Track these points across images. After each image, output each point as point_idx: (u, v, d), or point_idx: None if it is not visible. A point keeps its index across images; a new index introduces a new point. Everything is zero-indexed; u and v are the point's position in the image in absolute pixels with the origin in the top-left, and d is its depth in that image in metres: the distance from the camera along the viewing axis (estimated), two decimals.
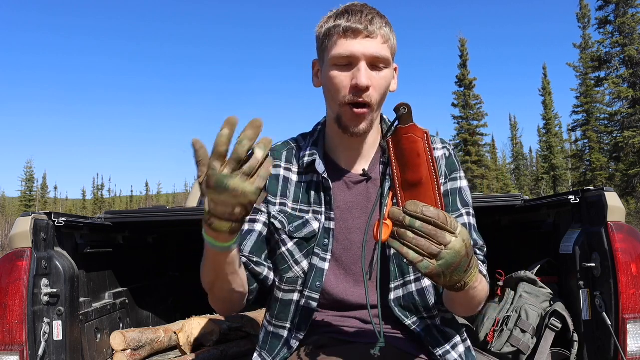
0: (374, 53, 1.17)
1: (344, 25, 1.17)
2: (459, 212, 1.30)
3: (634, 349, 1.57)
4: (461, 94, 30.71)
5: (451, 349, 1.26)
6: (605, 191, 1.68)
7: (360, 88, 1.16)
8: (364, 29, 1.16)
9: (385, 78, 1.21)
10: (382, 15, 1.22)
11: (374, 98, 1.19)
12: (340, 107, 1.20)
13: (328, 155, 1.32)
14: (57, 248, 1.74)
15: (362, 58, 1.17)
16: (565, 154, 34.89)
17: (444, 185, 1.31)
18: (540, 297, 1.95)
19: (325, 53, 1.23)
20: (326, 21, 1.22)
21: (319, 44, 1.25)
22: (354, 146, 1.30)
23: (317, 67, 1.30)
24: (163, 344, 2.18)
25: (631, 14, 23.06)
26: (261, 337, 1.32)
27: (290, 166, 1.33)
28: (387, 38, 1.19)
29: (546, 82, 32.89)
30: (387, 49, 1.20)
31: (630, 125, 22.78)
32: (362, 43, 1.17)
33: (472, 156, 30.53)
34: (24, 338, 1.53)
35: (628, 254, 1.59)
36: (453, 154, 1.35)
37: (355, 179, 1.30)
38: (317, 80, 1.30)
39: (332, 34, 1.19)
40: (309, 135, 1.37)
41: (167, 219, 2.20)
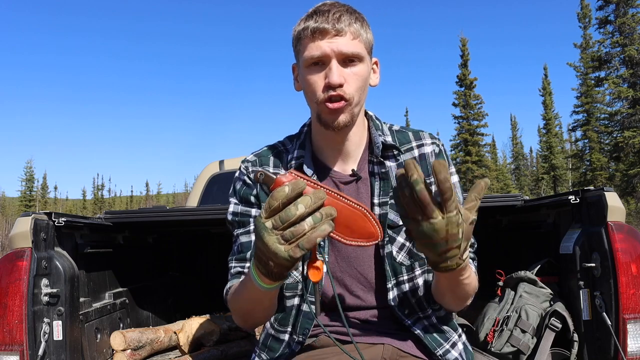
0: (342, 50, 1.17)
1: (312, 26, 1.18)
2: None
3: (634, 349, 1.57)
4: (462, 94, 30.71)
5: (451, 348, 1.26)
6: (605, 191, 1.68)
7: (332, 85, 1.17)
8: (332, 28, 1.17)
9: (360, 73, 1.21)
10: (353, 11, 1.22)
11: (348, 93, 1.19)
12: (318, 105, 1.21)
13: (316, 157, 1.32)
14: (57, 248, 1.74)
15: (333, 56, 1.18)
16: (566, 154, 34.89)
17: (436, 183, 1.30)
18: (540, 297, 1.95)
19: (299, 56, 1.24)
20: (298, 24, 1.24)
21: (294, 47, 1.27)
22: (340, 145, 1.29)
23: (296, 70, 1.31)
24: (163, 344, 2.18)
25: (631, 14, 23.04)
26: (261, 339, 1.32)
27: (278, 170, 1.32)
28: (357, 34, 1.20)
29: (546, 82, 32.90)
30: (358, 44, 1.20)
31: (630, 125, 22.77)
32: (331, 41, 1.17)
33: (473, 156, 30.53)
34: (24, 338, 1.53)
35: (628, 254, 1.59)
36: (443, 149, 1.34)
37: (345, 179, 1.29)
38: (297, 84, 1.31)
39: (302, 37, 1.21)
40: (296, 138, 1.36)
41: (167, 219, 2.20)
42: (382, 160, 1.28)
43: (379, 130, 1.32)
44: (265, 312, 1.19)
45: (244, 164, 1.35)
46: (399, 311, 1.25)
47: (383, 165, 1.28)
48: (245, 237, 1.29)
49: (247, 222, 1.30)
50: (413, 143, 1.32)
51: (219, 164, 3.88)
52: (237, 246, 1.30)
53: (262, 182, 0.96)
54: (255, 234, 0.92)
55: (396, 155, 1.30)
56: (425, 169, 1.29)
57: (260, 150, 1.38)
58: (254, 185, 1.30)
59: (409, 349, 1.24)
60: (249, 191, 1.31)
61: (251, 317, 1.20)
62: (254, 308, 1.14)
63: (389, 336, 1.25)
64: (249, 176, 1.31)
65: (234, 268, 1.28)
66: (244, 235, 1.29)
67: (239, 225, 1.31)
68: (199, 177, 3.95)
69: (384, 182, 1.27)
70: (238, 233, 1.31)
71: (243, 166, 1.34)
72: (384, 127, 1.34)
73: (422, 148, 1.32)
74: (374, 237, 1.00)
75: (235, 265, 1.29)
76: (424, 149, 1.32)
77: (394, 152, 1.30)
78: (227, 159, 3.89)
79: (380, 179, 1.28)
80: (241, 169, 1.35)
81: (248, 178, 1.32)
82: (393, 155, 1.30)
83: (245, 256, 1.27)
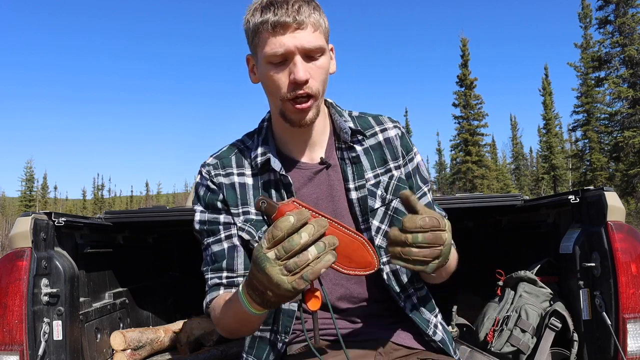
0: (305, 45, 1.13)
1: (272, 20, 1.11)
2: (422, 190, 1.33)
3: (634, 349, 1.57)
4: (462, 94, 30.72)
5: (434, 328, 1.28)
6: (605, 191, 1.68)
7: (299, 83, 1.13)
8: (293, 21, 1.11)
9: (323, 66, 1.17)
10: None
11: (314, 88, 1.16)
12: (283, 103, 1.17)
13: (281, 151, 1.28)
14: (57, 248, 1.74)
15: (296, 52, 1.12)
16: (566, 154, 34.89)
17: (405, 167, 1.31)
18: (540, 297, 1.95)
19: (257, 50, 1.18)
20: (252, 14, 1.16)
21: (249, 39, 1.20)
22: (305, 136, 1.26)
23: (251, 62, 1.25)
24: (163, 344, 2.18)
25: (631, 14, 23.04)
26: (247, 341, 1.30)
27: (242, 170, 1.27)
28: (317, 25, 1.15)
29: (547, 82, 32.89)
30: (319, 36, 1.15)
31: (630, 125, 22.77)
32: (294, 36, 1.12)
33: (473, 156, 30.54)
34: (24, 338, 1.53)
35: (628, 253, 1.59)
36: (404, 131, 1.35)
37: (315, 169, 1.27)
38: (253, 76, 1.25)
39: (261, 31, 1.14)
40: (256, 134, 1.32)
41: (167, 219, 2.20)
42: (352, 145, 1.27)
43: (342, 117, 1.30)
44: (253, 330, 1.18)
45: (205, 168, 1.29)
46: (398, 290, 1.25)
47: (353, 150, 1.27)
48: (217, 245, 1.25)
49: (217, 230, 1.25)
50: (376, 128, 1.32)
51: None
52: (209, 256, 1.26)
53: (264, 211, 0.94)
54: (254, 264, 0.88)
55: (361, 140, 1.29)
56: (393, 153, 1.30)
57: (220, 152, 1.32)
58: (218, 190, 1.26)
59: (403, 340, 1.24)
60: (214, 197, 1.26)
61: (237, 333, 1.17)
62: (240, 328, 1.12)
63: (383, 330, 1.25)
64: (213, 180, 1.26)
65: (211, 280, 1.24)
66: (216, 244, 1.25)
67: (208, 234, 1.26)
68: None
69: (356, 166, 1.26)
70: (209, 242, 1.26)
71: (204, 170, 1.28)
72: (344, 114, 1.32)
73: (385, 132, 1.32)
74: (371, 266, 1.01)
75: (212, 276, 1.24)
76: (387, 132, 1.31)
77: (358, 138, 1.29)
78: None
79: (352, 163, 1.26)
80: (202, 173, 1.28)
81: (212, 183, 1.26)
82: (359, 141, 1.29)
83: (220, 266, 1.23)
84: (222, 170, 1.27)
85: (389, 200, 1.26)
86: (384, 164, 1.29)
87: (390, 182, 1.27)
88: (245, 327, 1.11)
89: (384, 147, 1.30)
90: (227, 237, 1.25)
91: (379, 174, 1.28)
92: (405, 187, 1.29)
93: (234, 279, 1.22)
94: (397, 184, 1.28)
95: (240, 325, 1.09)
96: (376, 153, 1.29)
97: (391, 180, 1.28)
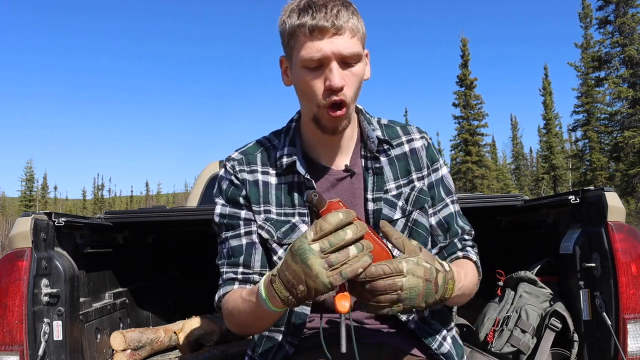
0: (343, 51, 1.11)
1: (310, 24, 1.09)
2: (443, 202, 1.32)
3: (634, 349, 1.57)
4: (462, 94, 30.71)
5: (443, 341, 1.27)
6: (605, 191, 1.68)
7: (334, 89, 1.12)
8: (331, 26, 1.09)
9: (358, 73, 1.16)
10: (348, 3, 1.15)
11: (348, 96, 1.15)
12: (318, 109, 1.16)
13: (307, 154, 1.28)
14: (57, 248, 1.74)
15: (333, 58, 1.11)
16: (566, 154, 34.89)
17: (428, 177, 1.30)
18: (540, 297, 1.95)
19: (293, 53, 1.16)
20: (288, 15, 1.14)
21: (284, 41, 1.18)
22: (334, 142, 1.26)
23: (285, 64, 1.23)
24: (163, 344, 2.18)
25: (631, 14, 23.03)
26: (255, 339, 1.30)
27: (267, 169, 1.27)
28: (355, 30, 1.13)
29: (547, 82, 32.88)
30: (356, 42, 1.13)
31: (630, 125, 22.76)
32: (331, 42, 1.10)
33: (473, 156, 30.54)
34: (24, 338, 1.53)
35: (628, 254, 1.59)
36: (431, 142, 1.34)
37: (339, 176, 1.27)
38: (286, 78, 1.23)
39: (298, 34, 1.12)
40: (283, 133, 1.30)
41: (167, 219, 2.20)
42: (377, 155, 1.27)
43: (371, 124, 1.29)
44: (265, 328, 1.17)
45: (229, 163, 1.29)
46: None
47: (377, 160, 1.27)
48: (235, 240, 1.24)
49: (237, 224, 1.25)
50: (403, 138, 1.31)
51: (219, 164, 3.89)
52: (226, 250, 1.25)
53: (315, 204, 0.95)
54: (292, 256, 0.89)
55: (387, 150, 1.29)
56: (417, 163, 1.29)
57: (246, 147, 1.31)
58: (242, 186, 1.25)
59: (408, 348, 1.24)
60: (236, 192, 1.26)
61: (248, 330, 1.17)
62: (253, 324, 1.11)
63: (388, 336, 1.25)
64: (237, 175, 1.26)
65: (225, 274, 1.24)
66: (234, 239, 1.24)
67: (227, 228, 1.26)
68: (199, 177, 3.95)
69: (378, 177, 1.26)
70: (227, 236, 1.26)
71: (229, 165, 1.28)
72: (373, 121, 1.32)
73: (412, 143, 1.31)
74: None
75: (227, 270, 1.24)
76: (414, 143, 1.31)
77: (384, 147, 1.28)
78: None
79: (374, 174, 1.26)
80: (227, 167, 1.28)
81: (235, 178, 1.26)
82: (384, 150, 1.28)
83: (237, 261, 1.23)
84: (246, 166, 1.27)
85: (409, 211, 1.26)
86: (408, 174, 1.28)
87: (412, 193, 1.27)
88: (258, 325, 1.11)
89: (409, 158, 1.29)
90: (246, 233, 1.24)
91: (401, 185, 1.27)
92: (427, 198, 1.28)
93: (250, 275, 1.22)
94: (417, 195, 1.27)
95: (254, 322, 1.09)
96: (401, 163, 1.29)
97: (412, 191, 1.27)
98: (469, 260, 1.28)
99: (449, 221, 1.30)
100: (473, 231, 1.34)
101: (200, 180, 3.87)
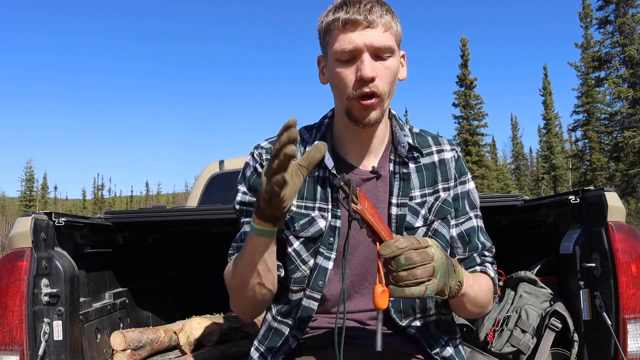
0: (375, 43, 1.14)
1: (343, 17, 1.14)
2: (467, 215, 1.31)
3: (634, 349, 1.57)
4: (462, 94, 30.70)
5: (445, 346, 1.27)
6: (605, 191, 1.67)
7: (365, 80, 1.14)
8: (364, 19, 1.13)
9: (391, 67, 1.18)
10: (383, 2, 1.19)
11: (380, 88, 1.16)
12: (349, 101, 1.18)
13: (336, 151, 1.29)
14: (57, 248, 1.73)
15: (365, 49, 1.14)
16: (566, 154, 34.88)
17: (454, 189, 1.30)
18: (540, 297, 1.95)
19: (327, 48, 1.20)
20: (326, 15, 1.19)
21: (321, 39, 1.23)
22: (365, 140, 1.26)
23: (322, 63, 1.27)
24: (163, 344, 2.18)
25: (631, 14, 23.02)
26: (262, 331, 1.31)
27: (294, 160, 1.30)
28: (388, 26, 1.16)
29: (547, 82, 32.88)
30: (389, 36, 1.16)
31: (630, 125, 22.75)
32: (363, 34, 1.13)
33: (473, 156, 30.53)
34: (24, 338, 1.53)
35: (628, 254, 1.59)
36: (461, 156, 1.34)
37: (364, 176, 1.27)
38: (323, 77, 1.27)
39: (332, 29, 1.16)
40: (315, 128, 1.32)
41: (167, 219, 2.20)
42: (406, 160, 1.27)
43: (403, 130, 1.30)
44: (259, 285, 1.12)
45: (257, 151, 1.30)
46: (394, 314, 1.24)
47: (406, 166, 1.27)
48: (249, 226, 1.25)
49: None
50: (433, 148, 1.32)
51: (219, 164, 3.88)
52: (240, 234, 1.28)
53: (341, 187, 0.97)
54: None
55: (416, 158, 1.29)
56: (445, 174, 1.29)
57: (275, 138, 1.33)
58: None
59: (408, 349, 1.24)
60: (259, 180, 1.25)
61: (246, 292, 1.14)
62: (247, 274, 1.11)
63: (390, 338, 1.24)
64: (262, 164, 1.27)
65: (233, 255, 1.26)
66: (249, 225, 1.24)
67: (245, 215, 1.27)
68: (199, 177, 3.95)
69: (404, 182, 1.26)
70: (244, 222, 1.27)
71: (256, 152, 1.30)
72: (406, 128, 1.32)
73: (441, 154, 1.31)
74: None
75: (234, 252, 1.26)
76: (443, 154, 1.31)
77: (414, 154, 1.29)
78: (227, 159, 3.89)
79: (401, 179, 1.26)
80: (254, 155, 1.30)
81: (260, 166, 1.27)
82: (413, 157, 1.29)
83: None
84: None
85: (430, 220, 1.26)
86: (434, 184, 1.28)
87: (435, 203, 1.27)
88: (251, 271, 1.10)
89: (437, 168, 1.29)
90: None
91: (426, 194, 1.27)
92: (450, 209, 1.28)
93: None
94: (440, 205, 1.27)
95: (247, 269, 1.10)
96: (428, 173, 1.29)
97: (436, 201, 1.27)
98: (486, 275, 1.27)
99: (470, 234, 1.30)
100: (494, 249, 1.34)
101: (200, 181, 3.87)
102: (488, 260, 1.30)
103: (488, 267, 1.29)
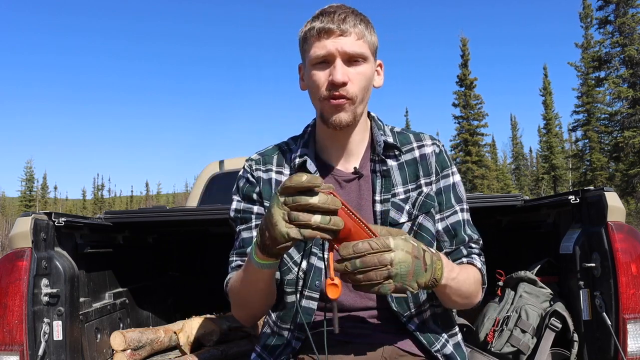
0: (347, 50, 1.20)
1: (318, 27, 1.21)
2: (453, 208, 1.33)
3: (634, 349, 1.57)
4: (462, 94, 30.71)
5: (446, 343, 1.28)
6: (605, 191, 1.67)
7: (336, 83, 1.20)
8: (337, 28, 1.20)
9: (364, 73, 1.24)
10: (358, 13, 1.26)
11: (351, 92, 1.22)
12: (320, 102, 1.24)
13: (319, 156, 1.35)
14: (57, 248, 1.73)
15: (337, 55, 1.21)
16: (566, 154, 34.88)
17: (436, 183, 1.32)
18: (540, 297, 1.95)
19: (305, 56, 1.27)
20: (305, 25, 1.27)
21: (300, 48, 1.30)
22: (343, 144, 1.32)
23: (302, 70, 1.34)
24: (163, 344, 2.18)
25: (631, 14, 23.02)
26: (263, 336, 1.33)
27: (281, 169, 1.35)
28: (361, 35, 1.22)
29: (547, 82, 32.89)
30: (362, 44, 1.23)
31: (630, 125, 22.75)
32: (335, 41, 1.20)
33: (473, 156, 30.54)
34: (24, 338, 1.53)
35: (628, 254, 1.59)
36: (443, 150, 1.37)
37: (347, 177, 1.32)
38: (302, 83, 1.33)
39: (308, 37, 1.24)
40: (300, 138, 1.40)
41: (167, 219, 2.20)
42: (384, 158, 1.31)
43: (380, 130, 1.35)
44: (260, 299, 1.22)
45: (247, 163, 1.39)
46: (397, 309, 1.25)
47: (384, 163, 1.31)
48: (246, 232, 1.32)
49: (249, 218, 1.32)
50: (414, 144, 1.35)
51: (219, 164, 3.89)
52: (238, 241, 1.33)
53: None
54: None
55: (397, 155, 1.33)
56: (426, 169, 1.33)
57: (265, 150, 1.41)
58: (256, 183, 1.34)
59: (409, 347, 1.25)
60: (251, 189, 1.34)
61: (247, 303, 1.23)
62: (249, 291, 1.18)
63: (389, 335, 1.25)
64: (252, 174, 1.35)
65: (234, 262, 1.32)
66: (246, 231, 1.32)
67: (241, 222, 1.34)
68: (199, 177, 3.95)
69: (386, 179, 1.30)
70: (240, 229, 1.33)
71: (247, 164, 1.38)
72: (386, 128, 1.38)
73: (422, 149, 1.35)
74: None
75: (235, 259, 1.32)
76: (424, 149, 1.34)
77: (395, 152, 1.33)
78: (227, 159, 3.89)
79: (382, 176, 1.30)
80: (245, 167, 1.38)
81: (251, 176, 1.35)
82: (394, 155, 1.33)
83: (245, 251, 1.30)
84: (262, 166, 1.36)
85: (414, 215, 1.29)
86: (416, 179, 1.32)
87: (419, 197, 1.30)
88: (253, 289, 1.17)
89: (418, 163, 1.33)
90: (257, 226, 1.30)
91: (409, 190, 1.31)
92: (433, 203, 1.31)
93: None
94: (424, 200, 1.30)
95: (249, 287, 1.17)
96: (410, 169, 1.32)
97: (419, 196, 1.30)
98: (473, 266, 1.28)
99: (456, 228, 1.31)
100: (481, 240, 1.35)
101: (200, 181, 3.87)
102: (475, 252, 1.32)
103: (475, 259, 1.30)
